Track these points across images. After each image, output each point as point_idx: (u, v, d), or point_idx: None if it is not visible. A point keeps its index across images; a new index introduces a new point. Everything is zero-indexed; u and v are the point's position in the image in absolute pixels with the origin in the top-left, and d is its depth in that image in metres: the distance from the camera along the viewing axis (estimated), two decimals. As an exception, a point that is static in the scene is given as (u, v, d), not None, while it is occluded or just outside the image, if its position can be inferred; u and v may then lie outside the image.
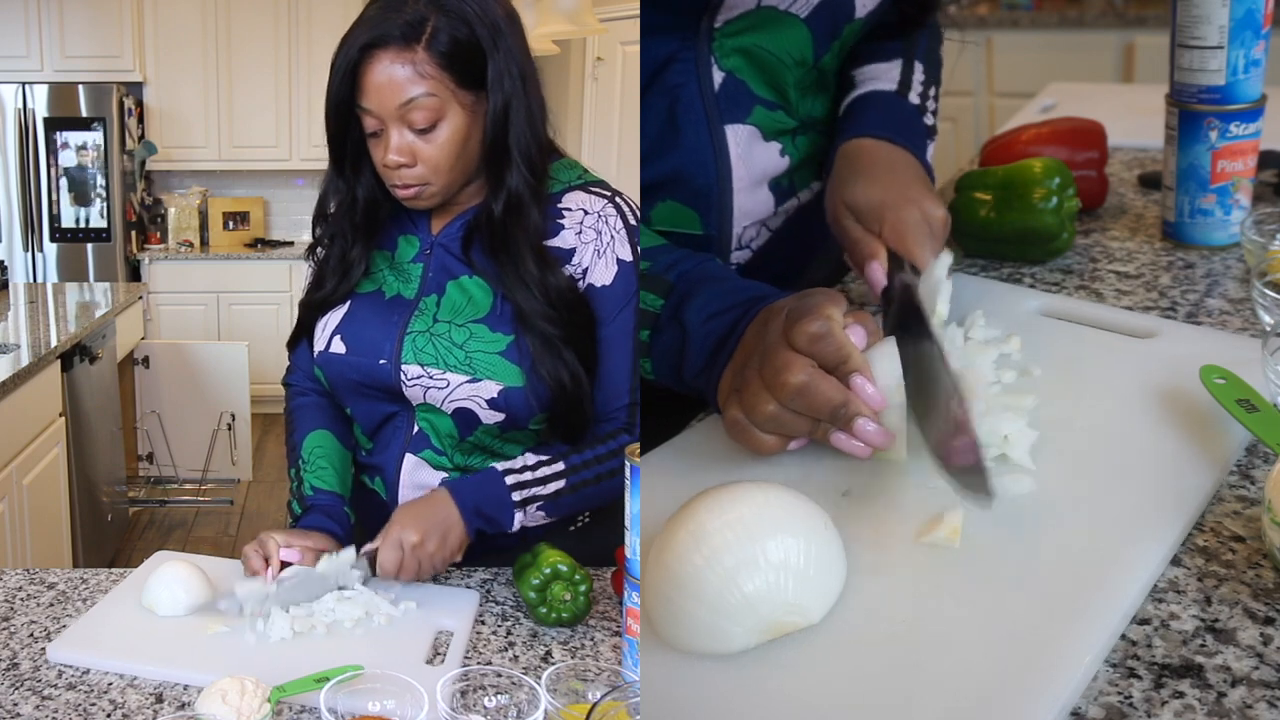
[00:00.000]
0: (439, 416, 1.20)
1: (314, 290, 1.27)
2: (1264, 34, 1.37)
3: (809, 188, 1.28)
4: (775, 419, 0.93)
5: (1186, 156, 1.42)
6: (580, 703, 0.87)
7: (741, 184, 1.20)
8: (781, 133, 1.22)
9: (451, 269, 1.22)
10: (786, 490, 0.81)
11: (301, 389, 1.32)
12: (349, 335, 1.22)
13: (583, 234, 1.19)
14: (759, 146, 1.21)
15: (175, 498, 4.38)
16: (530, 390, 1.16)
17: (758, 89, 1.19)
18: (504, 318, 1.18)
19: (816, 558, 0.77)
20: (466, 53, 1.14)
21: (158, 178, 5.53)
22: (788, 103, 1.21)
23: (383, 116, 1.14)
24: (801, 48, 1.18)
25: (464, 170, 1.19)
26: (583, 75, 3.95)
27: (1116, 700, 0.72)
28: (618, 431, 1.20)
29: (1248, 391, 0.96)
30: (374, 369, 1.21)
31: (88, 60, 5.16)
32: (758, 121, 1.20)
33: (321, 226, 1.27)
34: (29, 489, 2.94)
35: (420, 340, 1.19)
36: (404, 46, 1.12)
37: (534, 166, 1.18)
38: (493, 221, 1.18)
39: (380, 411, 1.24)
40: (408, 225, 1.25)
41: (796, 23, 1.16)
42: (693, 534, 0.77)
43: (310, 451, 1.26)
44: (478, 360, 1.17)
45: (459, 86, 1.14)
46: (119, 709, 0.93)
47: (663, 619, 0.79)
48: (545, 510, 1.18)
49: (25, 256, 5.10)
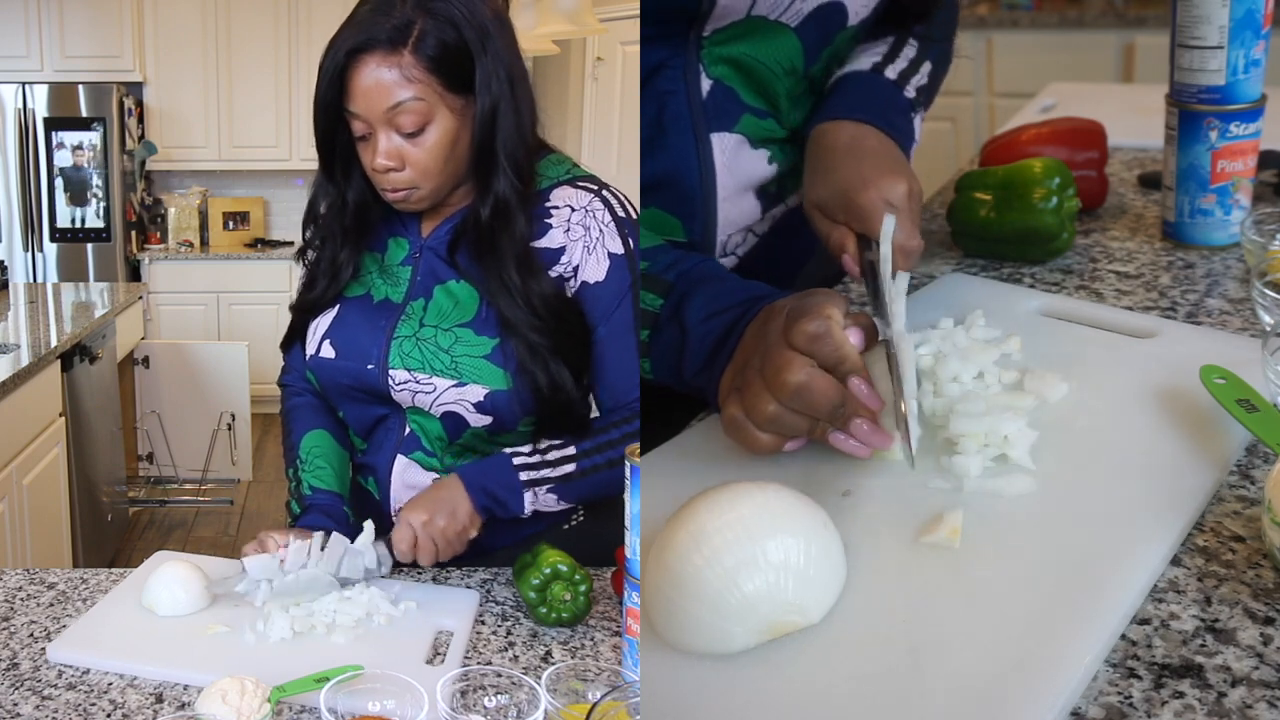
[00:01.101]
0: (428, 419, 1.20)
1: (305, 292, 1.27)
2: (1264, 34, 1.37)
3: (798, 193, 1.28)
4: (775, 418, 0.93)
5: (1186, 156, 1.42)
6: (580, 703, 0.87)
7: (726, 191, 1.20)
8: (770, 141, 1.21)
9: (439, 273, 1.22)
10: (786, 490, 0.81)
11: (297, 389, 1.32)
12: (338, 340, 1.22)
13: (570, 231, 1.19)
14: (745, 154, 1.20)
15: (175, 498, 4.38)
16: (515, 394, 1.17)
17: (747, 97, 1.18)
18: (489, 321, 1.18)
19: (817, 558, 0.78)
20: (454, 56, 1.14)
21: (158, 178, 5.53)
22: (778, 111, 1.21)
23: (370, 120, 1.14)
24: (792, 57, 1.17)
25: (453, 173, 1.19)
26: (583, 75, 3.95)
27: (1116, 700, 0.72)
28: (631, 417, 1.19)
29: (1248, 391, 0.96)
30: (363, 373, 1.21)
31: (88, 60, 5.15)
32: (745, 130, 1.19)
33: (312, 229, 1.27)
34: (29, 489, 2.94)
35: (407, 345, 1.19)
36: (390, 50, 1.12)
37: (521, 171, 1.18)
38: (479, 226, 1.18)
39: (372, 414, 1.24)
40: (398, 228, 1.25)
41: (786, 32, 1.15)
42: (693, 534, 0.77)
43: (308, 451, 1.26)
44: (463, 364, 1.17)
45: (447, 90, 1.14)
46: (119, 709, 0.93)
47: (663, 619, 0.79)
48: (557, 493, 1.18)
49: (25, 256, 5.10)
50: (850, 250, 1.06)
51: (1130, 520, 0.86)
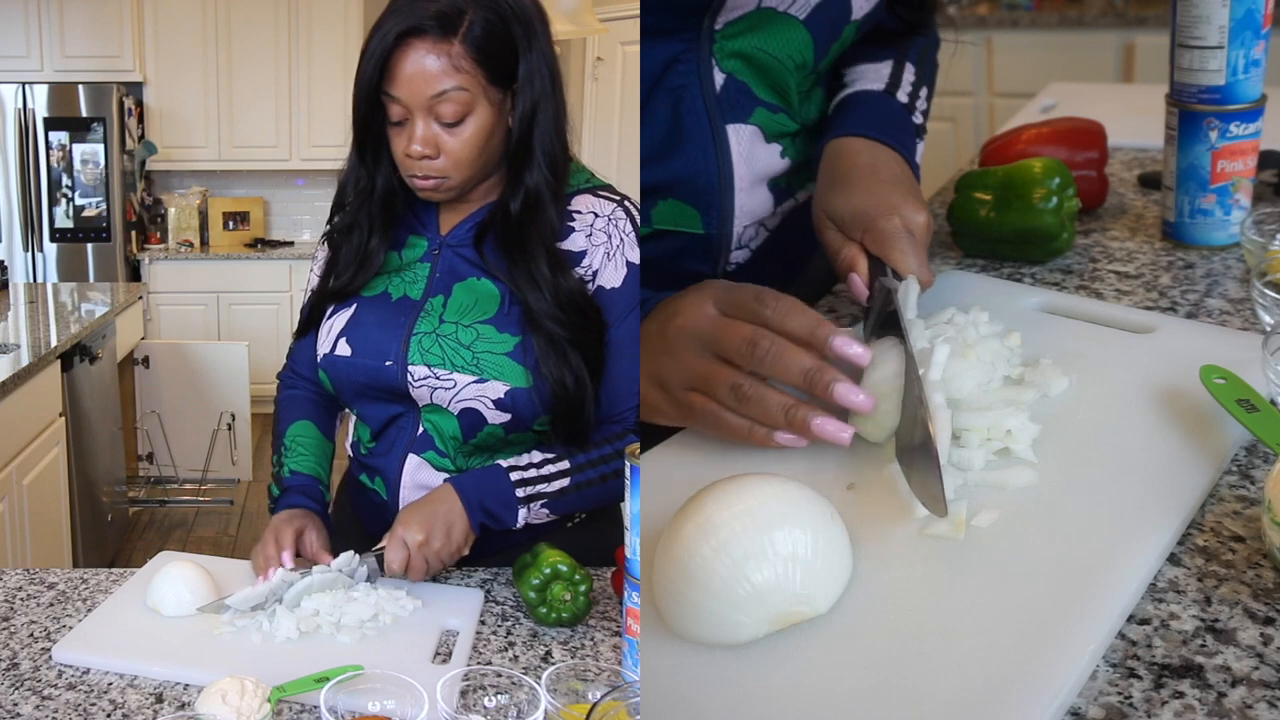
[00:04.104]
0: (444, 418, 1.20)
1: (331, 278, 1.26)
2: (1264, 34, 1.37)
3: (806, 189, 1.28)
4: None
5: (1186, 156, 1.42)
6: (580, 703, 0.87)
7: (743, 183, 1.20)
8: (783, 135, 1.22)
9: (459, 270, 1.21)
10: (793, 483, 0.82)
11: (291, 382, 1.33)
12: (355, 338, 1.22)
13: (593, 236, 1.19)
14: (760, 147, 1.21)
15: (175, 498, 4.38)
16: (536, 391, 1.16)
17: (760, 92, 1.19)
18: (511, 318, 1.18)
19: (824, 549, 0.78)
20: (501, 48, 1.14)
21: (158, 178, 5.52)
22: (790, 106, 1.21)
23: (411, 106, 1.13)
24: (803, 50, 1.18)
25: (483, 166, 1.19)
26: (583, 75, 3.95)
27: (1116, 700, 0.72)
28: (625, 433, 1.20)
29: (1247, 391, 0.96)
30: (380, 370, 1.20)
31: (88, 60, 5.15)
32: (760, 122, 1.20)
33: (340, 215, 1.26)
34: (29, 489, 2.94)
35: (427, 341, 1.19)
36: (441, 37, 1.12)
37: (555, 167, 1.18)
38: (509, 219, 1.18)
39: (385, 413, 1.24)
40: (416, 225, 1.25)
41: (796, 24, 1.16)
42: (701, 526, 0.78)
43: (292, 439, 1.27)
44: (485, 361, 1.17)
45: (489, 82, 1.14)
46: (119, 709, 0.93)
47: (671, 610, 0.79)
48: (549, 508, 1.18)
49: (25, 256, 5.10)
50: (861, 271, 1.06)
51: (1129, 517, 0.86)
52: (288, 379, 1.34)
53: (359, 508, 1.28)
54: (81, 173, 5.04)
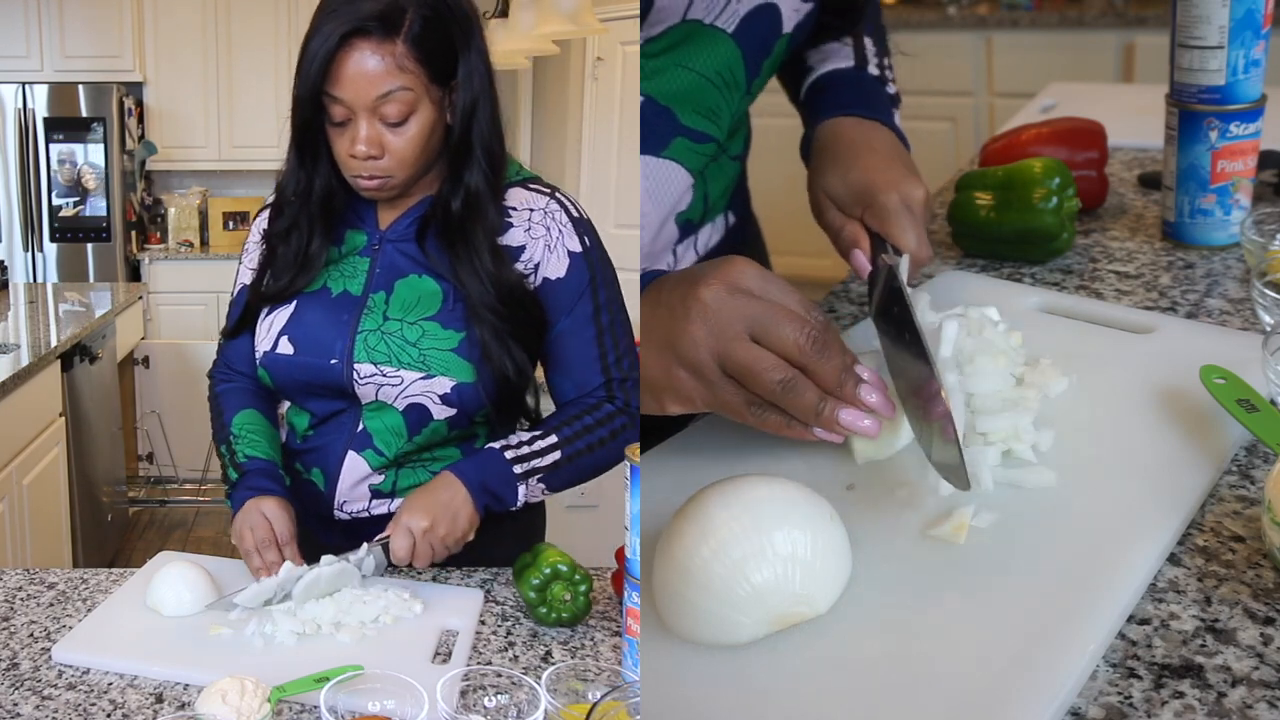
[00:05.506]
0: (388, 414, 1.20)
1: (267, 280, 1.25)
2: (1264, 34, 1.37)
3: (714, 223, 1.27)
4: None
5: (1186, 156, 1.42)
6: (580, 703, 0.87)
7: (647, 219, 1.16)
8: (703, 166, 1.18)
9: (401, 267, 1.22)
10: (792, 483, 0.82)
11: (228, 376, 1.31)
12: (297, 336, 1.22)
13: (531, 230, 1.20)
14: (673, 180, 1.16)
15: (175, 498, 4.38)
16: (480, 384, 1.18)
17: (685, 117, 1.14)
18: (455, 315, 1.19)
19: (823, 550, 0.78)
20: (440, 47, 1.14)
21: (158, 178, 5.52)
22: (720, 131, 1.17)
23: (355, 107, 1.13)
24: (733, 67, 1.14)
25: (425, 164, 1.19)
26: (583, 75, 3.94)
27: (1116, 700, 0.72)
28: (601, 403, 1.21)
29: (1247, 391, 0.97)
30: (324, 369, 1.20)
31: (88, 60, 5.15)
32: (675, 155, 1.15)
33: (279, 218, 1.24)
34: (29, 489, 2.94)
35: (373, 339, 1.19)
36: (384, 38, 1.12)
37: (494, 163, 1.19)
38: (449, 216, 1.19)
39: (327, 408, 1.24)
40: (352, 219, 1.25)
41: (724, 38, 1.13)
42: (700, 526, 0.78)
43: (240, 427, 1.25)
44: (431, 357, 1.18)
45: (431, 81, 1.15)
46: (119, 709, 0.93)
47: (670, 610, 0.79)
48: (545, 483, 1.19)
49: (25, 256, 5.10)
50: (864, 247, 1.07)
51: (1129, 517, 0.86)
52: (222, 374, 1.32)
53: (296, 498, 1.23)
54: (81, 173, 5.03)
